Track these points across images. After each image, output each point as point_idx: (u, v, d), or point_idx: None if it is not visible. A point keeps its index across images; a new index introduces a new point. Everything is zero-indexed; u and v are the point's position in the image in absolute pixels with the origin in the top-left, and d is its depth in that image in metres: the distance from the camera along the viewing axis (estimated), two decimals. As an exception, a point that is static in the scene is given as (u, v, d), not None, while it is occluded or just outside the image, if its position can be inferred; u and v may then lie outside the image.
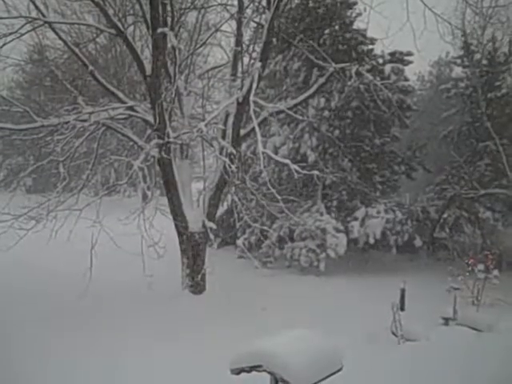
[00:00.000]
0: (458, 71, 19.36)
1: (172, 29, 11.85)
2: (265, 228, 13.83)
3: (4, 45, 11.29)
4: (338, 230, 15.27)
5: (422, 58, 20.01)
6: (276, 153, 14.79)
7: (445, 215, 17.77)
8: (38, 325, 10.26)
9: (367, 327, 9.82)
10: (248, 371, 5.17)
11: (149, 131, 12.47)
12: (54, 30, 11.78)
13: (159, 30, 10.98)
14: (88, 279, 10.87)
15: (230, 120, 12.20)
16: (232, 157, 11.50)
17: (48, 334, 9.74)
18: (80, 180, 12.49)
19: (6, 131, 12.16)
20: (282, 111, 12.88)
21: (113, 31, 11.59)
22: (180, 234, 12.21)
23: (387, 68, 16.22)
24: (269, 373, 4.94)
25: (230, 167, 11.06)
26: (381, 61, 16.82)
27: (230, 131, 12.16)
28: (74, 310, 11.10)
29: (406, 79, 17.07)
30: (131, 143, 13.22)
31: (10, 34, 11.06)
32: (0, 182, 40.09)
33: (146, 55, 13.05)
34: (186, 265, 12.24)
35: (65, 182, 11.63)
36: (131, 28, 14.67)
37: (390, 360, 7.68)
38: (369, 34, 16.39)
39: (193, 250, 12.15)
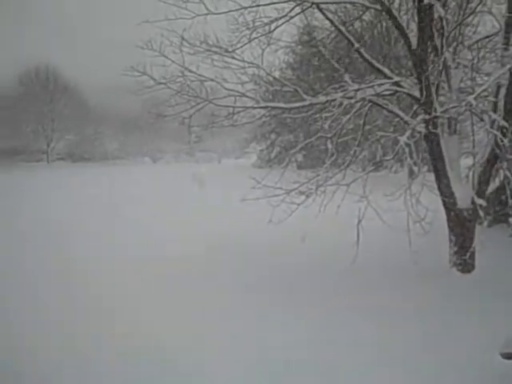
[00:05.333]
0: None
1: (439, -1, 11.48)
2: (540, 206, 12.91)
3: (276, 28, 11.94)
4: None
5: None
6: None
7: None
8: (311, 295, 10.93)
9: None
10: (520, 356, 4.94)
11: (415, 106, 12.28)
12: (321, 10, 12.10)
13: (425, 1, 10.72)
14: (355, 253, 11.17)
15: (502, 92, 11.53)
16: (504, 130, 10.92)
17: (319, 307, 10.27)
18: (347, 156, 12.74)
19: (278, 110, 12.84)
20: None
21: (378, 7, 11.58)
22: (448, 211, 11.90)
23: None
24: (543, 360, 4.67)
25: (502, 141, 10.53)
26: None
27: (501, 103, 11.51)
28: (342, 283, 11.50)
29: None
30: (397, 119, 13.13)
31: (281, 17, 11.66)
32: (273, 159, 42.70)
33: (412, 28, 12.76)
34: (453, 242, 11.92)
35: (333, 157, 12.01)
36: (396, 2, 14.49)
37: None
38: None
39: (461, 227, 11.78)
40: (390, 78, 11.93)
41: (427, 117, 11.13)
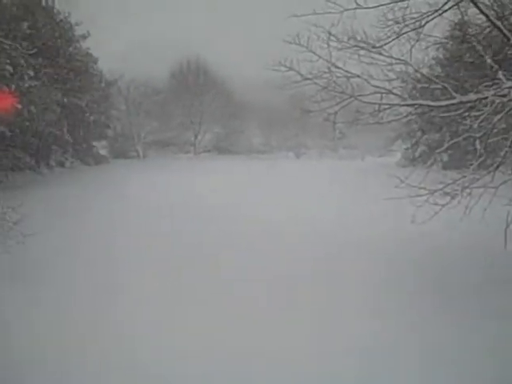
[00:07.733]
0: None
1: None
2: None
3: (426, 23, 11.63)
4: None
5: None
6: None
7: None
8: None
9: None
10: None
11: None
12: (475, 4, 11.63)
13: None
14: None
15: None
16: None
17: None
18: (497, 157, 12.24)
19: (425, 108, 12.54)
20: None
21: (539, -1, 11.00)
22: None
23: None
24: None
25: None
26: None
27: None
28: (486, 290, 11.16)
29: None
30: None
31: (433, 12, 11.32)
32: (418, 158, 41.68)
33: None
34: None
35: (481, 158, 11.55)
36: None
37: None
38: None
39: None
40: (548, 75, 11.29)
41: None
